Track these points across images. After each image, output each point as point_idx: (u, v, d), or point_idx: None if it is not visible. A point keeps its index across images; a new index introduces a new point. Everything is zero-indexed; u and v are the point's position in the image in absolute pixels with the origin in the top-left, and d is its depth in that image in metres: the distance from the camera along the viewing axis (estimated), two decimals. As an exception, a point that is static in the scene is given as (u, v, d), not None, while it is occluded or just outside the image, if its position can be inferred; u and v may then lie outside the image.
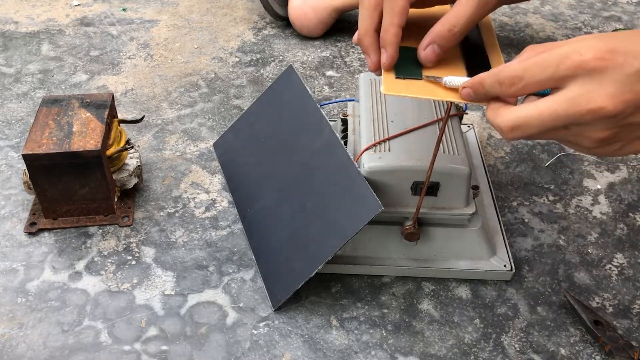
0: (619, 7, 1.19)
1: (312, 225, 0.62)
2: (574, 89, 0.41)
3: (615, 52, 0.40)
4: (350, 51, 1.04)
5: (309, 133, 0.67)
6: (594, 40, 0.41)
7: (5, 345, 0.60)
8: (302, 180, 0.66)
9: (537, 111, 0.43)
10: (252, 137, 0.75)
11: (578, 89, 0.41)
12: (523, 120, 0.43)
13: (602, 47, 0.40)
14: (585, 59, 0.40)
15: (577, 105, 0.41)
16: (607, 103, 0.40)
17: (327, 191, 0.62)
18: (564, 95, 0.42)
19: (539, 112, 0.43)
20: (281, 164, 0.69)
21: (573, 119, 0.42)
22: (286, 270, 0.63)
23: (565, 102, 0.41)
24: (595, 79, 0.40)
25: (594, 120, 0.41)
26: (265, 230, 0.67)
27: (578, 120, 0.42)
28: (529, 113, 0.43)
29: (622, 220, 0.74)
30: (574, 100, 0.41)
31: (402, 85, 0.50)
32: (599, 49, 0.40)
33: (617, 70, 0.40)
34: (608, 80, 0.40)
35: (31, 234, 0.71)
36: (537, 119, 0.43)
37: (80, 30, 1.09)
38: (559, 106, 0.42)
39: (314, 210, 0.63)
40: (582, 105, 0.41)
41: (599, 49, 0.40)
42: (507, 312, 0.64)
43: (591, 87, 0.40)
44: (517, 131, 0.44)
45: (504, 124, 0.44)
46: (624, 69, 0.40)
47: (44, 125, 0.69)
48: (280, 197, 0.67)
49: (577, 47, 0.41)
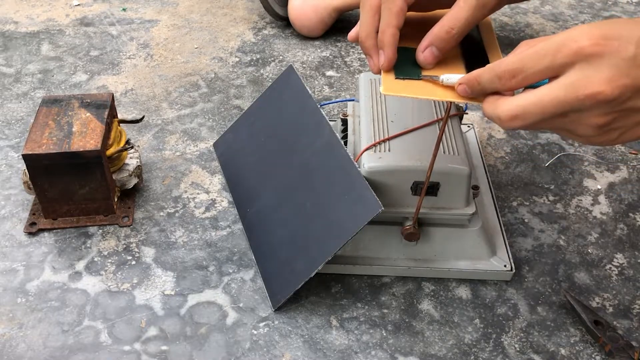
0: (619, 7, 1.19)
1: (312, 226, 0.62)
2: (571, 75, 0.41)
3: (611, 38, 0.40)
4: (350, 51, 1.04)
5: (309, 133, 0.67)
6: (589, 28, 0.41)
7: (5, 345, 0.60)
8: (302, 180, 0.66)
9: (536, 99, 0.43)
10: (252, 137, 0.75)
11: (575, 75, 0.41)
12: (523, 108, 0.43)
13: (597, 33, 0.41)
14: (581, 46, 0.41)
15: (576, 90, 0.41)
16: (604, 87, 0.40)
17: (327, 191, 0.62)
18: (562, 82, 0.42)
19: (538, 99, 0.43)
20: (281, 164, 0.69)
21: (572, 105, 0.42)
22: (286, 270, 0.63)
23: (564, 88, 0.42)
24: (592, 65, 0.41)
25: (592, 105, 0.41)
26: (265, 230, 0.67)
27: (577, 106, 0.42)
28: (529, 101, 0.43)
29: (622, 220, 0.74)
30: (572, 86, 0.41)
31: (402, 85, 0.50)
32: (594, 35, 0.41)
33: (614, 55, 0.40)
34: (605, 65, 0.40)
35: (31, 234, 0.71)
36: (537, 106, 0.43)
37: (80, 30, 1.09)
38: (557, 92, 0.42)
39: (314, 211, 0.63)
40: (580, 91, 0.41)
41: (595, 35, 0.41)
42: (507, 312, 0.64)
43: (589, 73, 0.41)
44: (517, 120, 0.44)
45: (504, 114, 0.44)
46: (620, 53, 0.40)
47: (44, 125, 0.69)
48: (280, 197, 0.67)
49: (573, 35, 0.41)
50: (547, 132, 0.87)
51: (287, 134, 0.70)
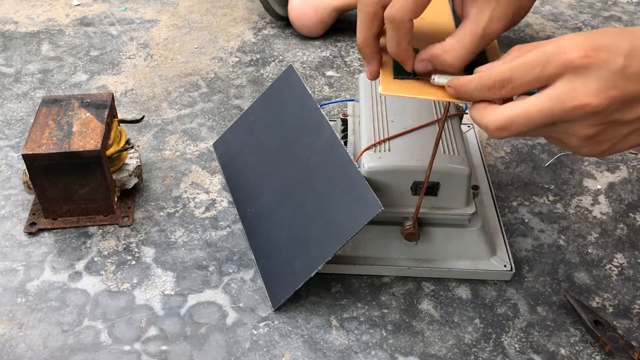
0: (619, 7, 1.19)
1: (312, 225, 0.62)
2: (559, 86, 0.41)
3: (600, 49, 0.40)
4: (350, 51, 1.04)
5: (308, 133, 0.67)
6: (578, 38, 0.41)
7: (5, 345, 0.60)
8: (302, 180, 0.66)
9: (523, 109, 0.43)
10: (252, 137, 0.75)
11: (563, 87, 0.41)
12: (510, 119, 0.43)
13: (586, 44, 0.41)
14: (570, 57, 0.41)
15: (563, 102, 0.41)
16: (591, 99, 0.41)
17: (327, 191, 0.62)
18: (550, 93, 0.42)
19: (525, 110, 0.43)
20: (281, 164, 0.69)
21: (559, 116, 0.42)
22: (286, 270, 0.63)
23: (551, 100, 0.42)
24: (580, 76, 0.41)
25: (580, 116, 0.42)
26: (265, 230, 0.67)
27: (564, 117, 0.42)
28: (516, 112, 0.43)
29: (622, 220, 0.74)
30: (559, 97, 0.41)
31: (400, 85, 0.50)
32: (583, 46, 0.41)
33: (602, 67, 0.40)
34: (593, 77, 0.40)
35: (31, 234, 0.71)
36: (524, 118, 0.43)
37: (80, 30, 1.09)
38: (545, 104, 0.42)
39: (314, 211, 0.63)
40: (567, 102, 0.41)
41: (584, 47, 0.41)
42: (507, 312, 0.64)
43: (576, 84, 0.41)
44: (504, 131, 0.44)
45: (492, 124, 0.44)
46: (609, 65, 0.40)
47: (44, 125, 0.69)
48: (280, 197, 0.67)
49: (562, 45, 0.41)
50: (547, 132, 0.87)
51: (286, 134, 0.70)
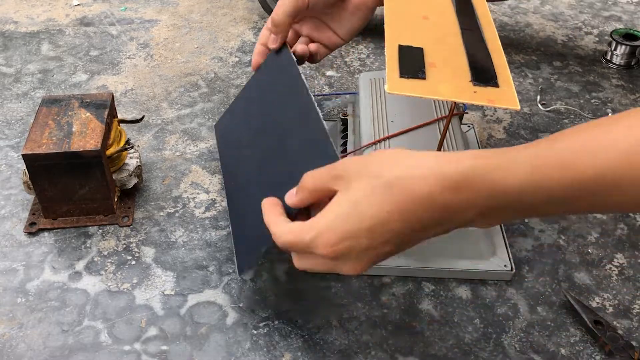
0: (619, 7, 1.19)
1: (282, 189, 0.60)
2: None
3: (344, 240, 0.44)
4: (350, 51, 1.04)
5: (287, 99, 0.64)
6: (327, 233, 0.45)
7: (5, 345, 0.60)
8: (276, 146, 0.63)
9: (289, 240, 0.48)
10: (244, 114, 0.73)
11: None
12: None
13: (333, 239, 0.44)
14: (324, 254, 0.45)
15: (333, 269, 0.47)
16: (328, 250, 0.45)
17: (297, 152, 0.60)
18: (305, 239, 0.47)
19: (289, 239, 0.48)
20: (262, 134, 0.66)
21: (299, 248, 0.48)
22: (252, 235, 0.61)
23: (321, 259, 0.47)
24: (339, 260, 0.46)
25: None
26: (242, 202, 0.66)
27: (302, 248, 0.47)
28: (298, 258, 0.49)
29: (622, 220, 0.74)
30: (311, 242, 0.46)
31: (406, 84, 0.50)
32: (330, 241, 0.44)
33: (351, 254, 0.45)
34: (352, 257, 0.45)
35: (31, 234, 0.71)
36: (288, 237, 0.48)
37: (80, 30, 1.09)
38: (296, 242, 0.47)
39: (286, 176, 0.59)
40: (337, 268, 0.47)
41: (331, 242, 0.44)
42: (507, 312, 0.64)
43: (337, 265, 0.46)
44: None
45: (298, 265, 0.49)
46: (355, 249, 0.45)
47: (44, 125, 0.69)
48: (258, 166, 0.65)
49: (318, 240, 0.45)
50: (546, 132, 0.87)
51: (270, 104, 0.68)
